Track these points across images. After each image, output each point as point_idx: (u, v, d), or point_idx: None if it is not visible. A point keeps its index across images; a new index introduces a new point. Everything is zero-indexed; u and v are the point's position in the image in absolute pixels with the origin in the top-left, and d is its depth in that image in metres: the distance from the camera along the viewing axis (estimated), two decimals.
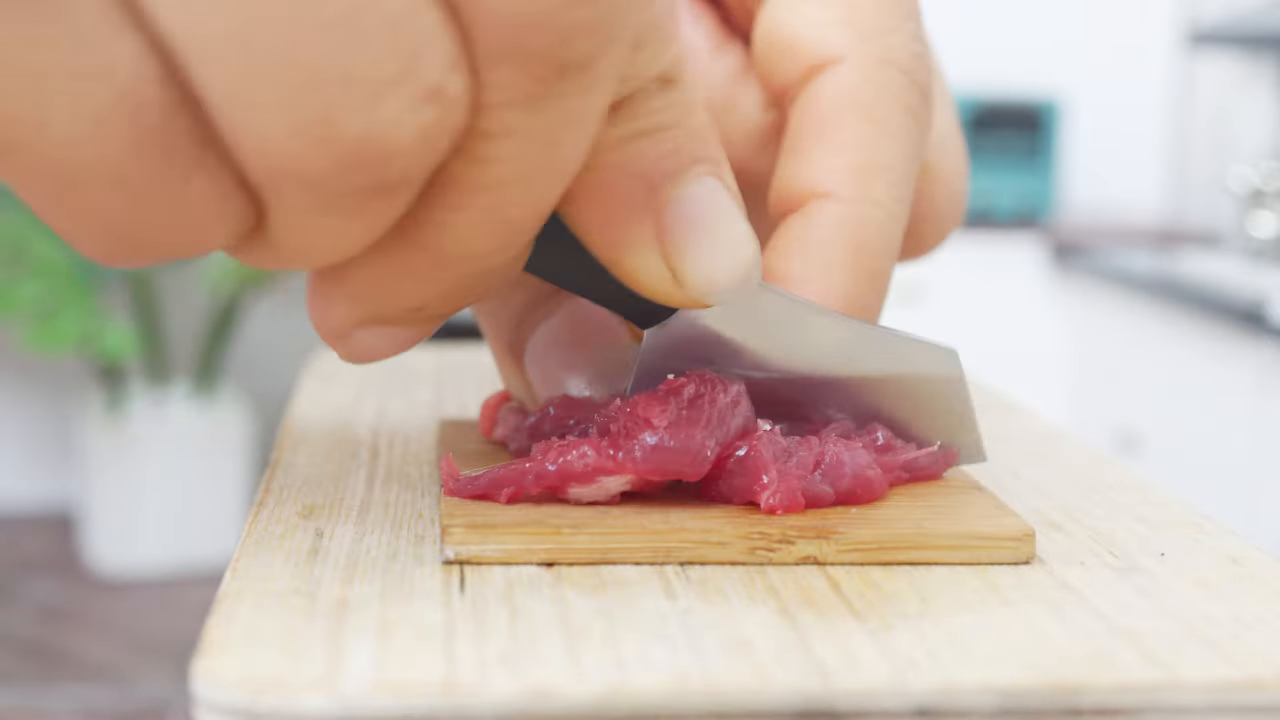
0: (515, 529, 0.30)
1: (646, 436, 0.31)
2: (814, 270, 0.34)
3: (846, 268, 0.34)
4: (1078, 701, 0.25)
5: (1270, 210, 2.69)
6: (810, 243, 0.34)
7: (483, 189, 0.25)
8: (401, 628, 0.26)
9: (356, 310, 0.27)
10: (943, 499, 0.33)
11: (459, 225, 0.25)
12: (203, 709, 0.24)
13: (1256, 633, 0.28)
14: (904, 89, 0.35)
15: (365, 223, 0.24)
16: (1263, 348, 2.20)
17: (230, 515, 2.88)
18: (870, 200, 0.34)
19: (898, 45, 0.35)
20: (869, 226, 0.34)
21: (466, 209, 0.25)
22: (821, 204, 0.34)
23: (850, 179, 0.34)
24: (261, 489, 0.35)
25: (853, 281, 0.34)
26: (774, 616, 0.28)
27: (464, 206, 0.25)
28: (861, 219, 0.34)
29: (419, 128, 0.23)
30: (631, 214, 0.27)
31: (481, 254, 0.26)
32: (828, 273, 0.34)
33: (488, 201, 0.25)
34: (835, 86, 0.35)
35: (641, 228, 0.28)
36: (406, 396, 0.46)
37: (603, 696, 0.24)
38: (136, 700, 2.33)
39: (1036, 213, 2.99)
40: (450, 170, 0.24)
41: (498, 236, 0.25)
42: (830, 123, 0.35)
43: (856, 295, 0.34)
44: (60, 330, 2.60)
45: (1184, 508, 0.36)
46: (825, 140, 0.35)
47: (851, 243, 0.34)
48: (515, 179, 0.25)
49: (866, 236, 0.34)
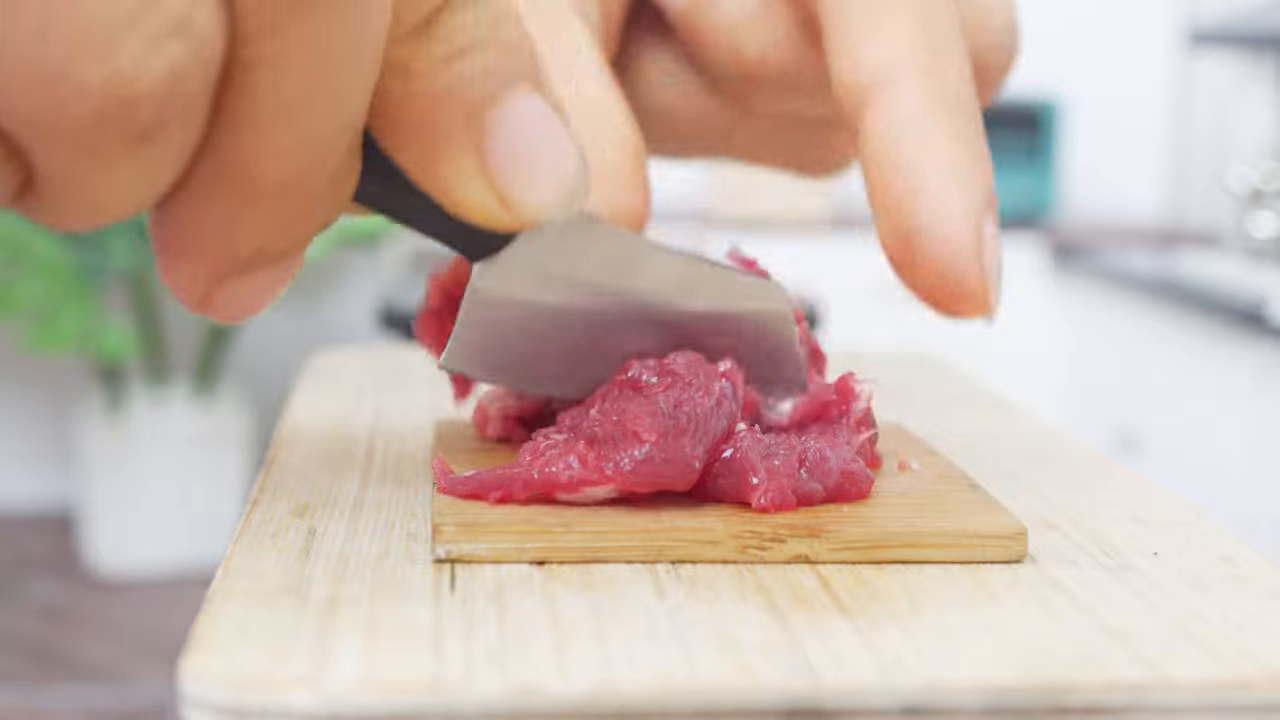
0: (506, 528, 0.30)
1: (634, 450, 0.31)
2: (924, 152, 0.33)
3: (952, 134, 0.33)
4: (1065, 700, 0.25)
5: (1270, 210, 2.68)
6: (909, 126, 0.33)
7: (268, 118, 0.24)
8: (390, 626, 0.26)
9: (202, 268, 0.26)
10: (935, 496, 0.33)
11: (258, 156, 0.24)
12: (191, 706, 0.24)
13: (1247, 633, 0.28)
14: None
15: (143, 171, 0.23)
16: (1262, 348, 2.20)
17: (230, 515, 2.88)
18: (942, 66, 0.34)
19: None
20: (950, 88, 0.34)
21: (259, 140, 0.24)
22: (897, 87, 0.34)
23: (918, 53, 0.34)
24: (256, 487, 0.35)
25: (962, 143, 0.33)
26: (763, 615, 0.28)
27: (255, 135, 0.24)
28: (941, 86, 0.34)
29: (167, 67, 0.22)
30: (451, 142, 0.27)
31: (291, 181, 0.25)
32: (939, 148, 0.33)
33: (277, 130, 0.24)
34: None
35: (464, 155, 0.27)
36: (404, 397, 0.46)
37: (590, 695, 0.24)
38: (136, 700, 2.33)
39: (1036, 213, 2.99)
40: (230, 103, 0.24)
41: (300, 162, 0.25)
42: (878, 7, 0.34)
43: (970, 152, 0.34)
44: (60, 330, 2.60)
45: (1179, 507, 0.36)
46: (877, 22, 0.34)
47: (944, 109, 0.34)
48: (298, 104, 0.24)
49: (953, 98, 0.34)
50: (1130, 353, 2.62)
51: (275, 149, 0.24)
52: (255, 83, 0.24)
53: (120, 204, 0.24)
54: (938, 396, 0.48)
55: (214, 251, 0.26)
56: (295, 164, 0.25)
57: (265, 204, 0.25)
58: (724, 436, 0.32)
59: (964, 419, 0.45)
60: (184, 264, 0.26)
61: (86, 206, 0.24)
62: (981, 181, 0.34)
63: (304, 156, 0.25)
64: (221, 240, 0.26)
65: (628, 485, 0.31)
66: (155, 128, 0.22)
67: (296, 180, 0.25)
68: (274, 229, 0.26)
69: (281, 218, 0.26)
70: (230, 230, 0.26)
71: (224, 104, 0.24)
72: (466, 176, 0.27)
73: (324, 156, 0.25)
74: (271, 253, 0.27)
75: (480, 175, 0.27)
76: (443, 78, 0.26)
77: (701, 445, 0.31)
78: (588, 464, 0.31)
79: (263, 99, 0.24)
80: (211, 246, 0.26)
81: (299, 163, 0.25)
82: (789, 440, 0.33)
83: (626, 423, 0.31)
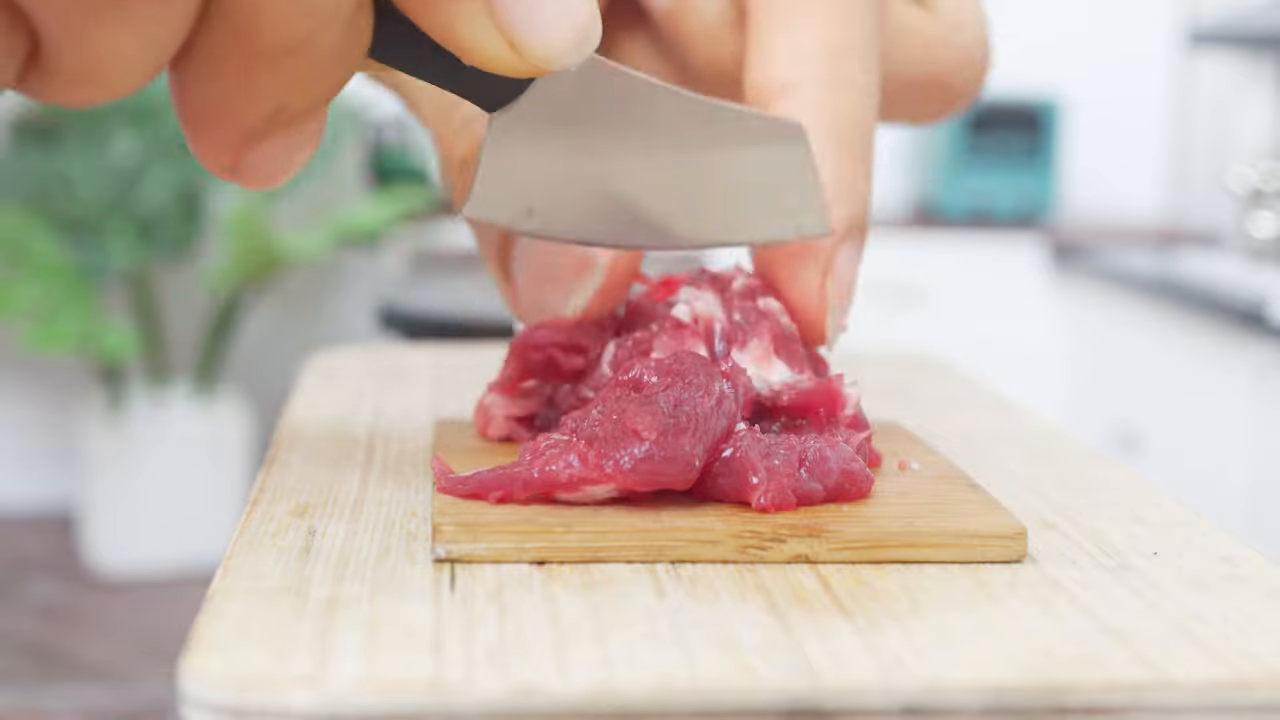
0: (506, 528, 0.30)
1: (634, 449, 0.31)
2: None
3: (831, 150, 0.34)
4: (1065, 700, 0.25)
5: (1270, 210, 2.68)
6: None
7: None
8: (390, 626, 0.26)
9: (226, 132, 0.27)
10: (935, 496, 0.33)
11: (260, 13, 0.25)
12: (191, 706, 0.24)
13: (1247, 633, 0.28)
14: None
15: (141, 30, 0.24)
16: (1263, 348, 2.20)
17: (230, 515, 2.88)
18: (844, 81, 0.35)
19: None
20: (846, 106, 0.35)
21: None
22: (796, 90, 0.35)
23: (821, 63, 0.35)
24: (256, 487, 0.35)
25: (839, 162, 0.35)
26: (763, 615, 0.28)
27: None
28: (838, 101, 0.35)
29: None
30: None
31: (302, 35, 0.26)
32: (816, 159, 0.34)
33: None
34: None
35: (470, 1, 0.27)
36: (404, 396, 0.46)
37: (589, 695, 0.24)
38: (136, 700, 2.33)
39: (1036, 213, 2.99)
40: None
41: (304, 17, 0.25)
42: (793, 9, 0.35)
43: (844, 175, 0.35)
44: (60, 330, 2.60)
45: (1178, 507, 0.36)
46: (791, 27, 0.35)
47: (833, 125, 0.35)
48: None
49: (845, 116, 0.35)
50: (1130, 353, 2.62)
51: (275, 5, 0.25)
52: None
53: (125, 71, 0.24)
54: (938, 396, 0.48)
55: (235, 115, 0.27)
56: (298, 21, 0.25)
57: (275, 64, 0.26)
58: (724, 436, 0.32)
59: (964, 419, 0.45)
60: (208, 131, 0.27)
61: (92, 75, 0.24)
62: (849, 210, 0.35)
63: (306, 12, 0.25)
64: (240, 103, 0.26)
65: (627, 484, 0.31)
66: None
67: (306, 38, 0.26)
68: (290, 88, 0.26)
69: (296, 77, 0.26)
70: (247, 92, 0.26)
71: None
72: (476, 23, 0.28)
73: (327, 12, 0.26)
74: (292, 112, 0.27)
75: (489, 20, 0.27)
76: None
77: (701, 444, 0.31)
78: (588, 462, 0.31)
79: None
80: (231, 110, 0.26)
81: (302, 20, 0.25)
82: (789, 440, 0.33)
83: (626, 421, 0.31)
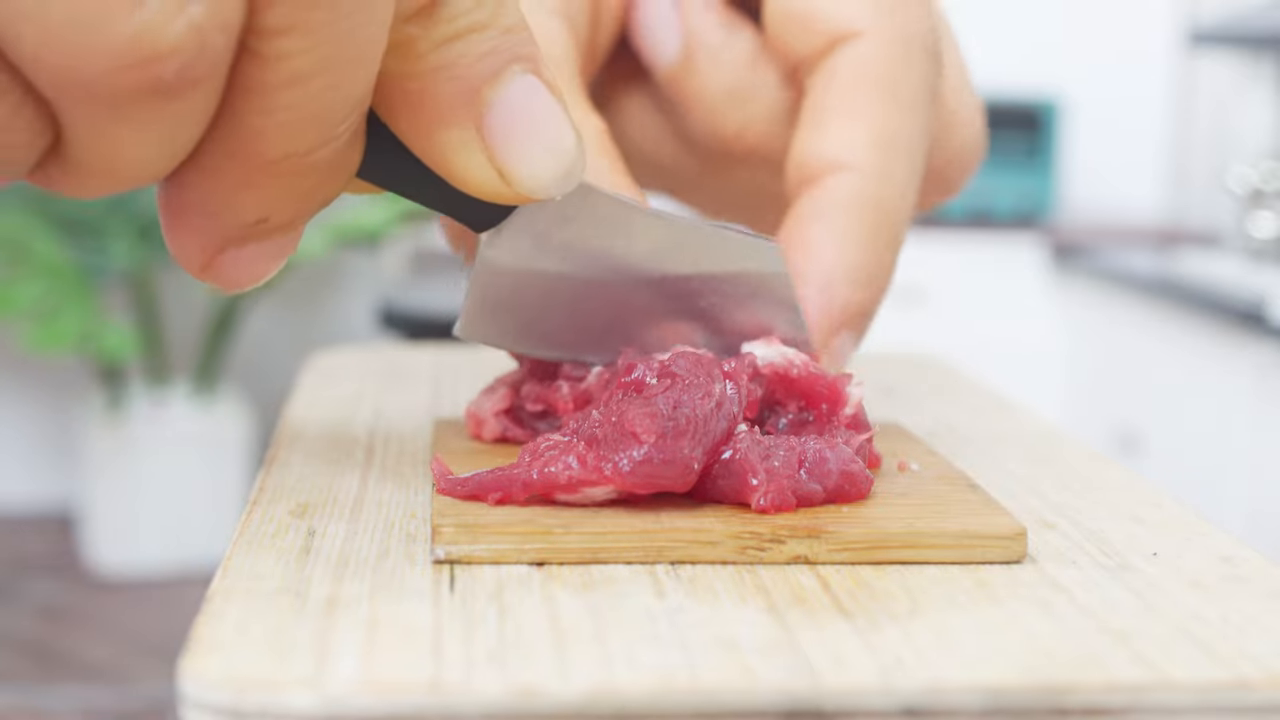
0: (506, 529, 0.30)
1: (633, 451, 0.31)
2: (831, 237, 0.36)
3: (864, 237, 0.36)
4: (1065, 701, 0.25)
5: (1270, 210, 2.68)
6: (829, 211, 0.36)
7: (281, 87, 0.25)
8: (390, 627, 0.26)
9: (206, 236, 0.27)
10: (935, 497, 0.33)
11: (269, 127, 0.25)
12: (191, 707, 0.24)
13: (1246, 633, 0.28)
14: (922, 64, 0.36)
15: (162, 131, 0.24)
16: (1263, 348, 2.19)
17: (230, 515, 2.88)
18: (888, 174, 0.36)
19: (915, 20, 0.36)
20: (887, 199, 0.36)
21: (272, 110, 0.25)
22: (841, 176, 0.36)
23: (871, 153, 0.36)
24: (256, 487, 0.35)
25: (869, 249, 0.36)
26: (763, 615, 0.28)
27: (269, 108, 0.25)
28: (880, 192, 0.36)
29: (189, 24, 0.23)
30: (454, 118, 0.28)
31: (299, 153, 0.26)
32: (844, 240, 0.36)
33: (290, 100, 0.25)
34: (855, 61, 0.36)
35: (464, 131, 0.28)
36: (403, 397, 0.46)
37: (589, 696, 0.24)
38: (136, 700, 2.33)
39: (1036, 213, 2.99)
40: (246, 72, 0.25)
41: (310, 134, 0.26)
42: (850, 97, 0.36)
43: (872, 262, 0.36)
44: (60, 330, 2.60)
45: (1178, 507, 0.36)
46: (846, 114, 0.36)
47: (870, 214, 0.36)
48: (311, 74, 0.25)
49: (884, 208, 0.36)
50: (1130, 353, 2.61)
51: (285, 122, 0.25)
52: (270, 51, 0.24)
53: (141, 168, 0.25)
54: (938, 396, 0.48)
55: (219, 220, 0.27)
56: (303, 138, 0.26)
57: (272, 177, 0.26)
58: (724, 438, 0.32)
59: (964, 419, 0.45)
60: (189, 232, 0.27)
61: (109, 169, 0.25)
62: (863, 295, 0.36)
63: (312, 130, 0.26)
64: (226, 210, 0.27)
65: (626, 486, 0.31)
66: (179, 86, 0.24)
67: (303, 154, 0.26)
68: (279, 201, 0.27)
69: (287, 191, 0.27)
70: (236, 201, 0.27)
71: (239, 73, 0.25)
72: (468, 152, 0.28)
73: (331, 131, 0.26)
74: (275, 224, 0.28)
75: (481, 150, 0.28)
76: (445, 57, 0.27)
77: (701, 446, 0.31)
78: (587, 464, 0.31)
79: (277, 70, 0.25)
80: (216, 216, 0.27)
81: (307, 137, 0.26)
82: (788, 441, 0.33)
83: (626, 423, 0.31)
